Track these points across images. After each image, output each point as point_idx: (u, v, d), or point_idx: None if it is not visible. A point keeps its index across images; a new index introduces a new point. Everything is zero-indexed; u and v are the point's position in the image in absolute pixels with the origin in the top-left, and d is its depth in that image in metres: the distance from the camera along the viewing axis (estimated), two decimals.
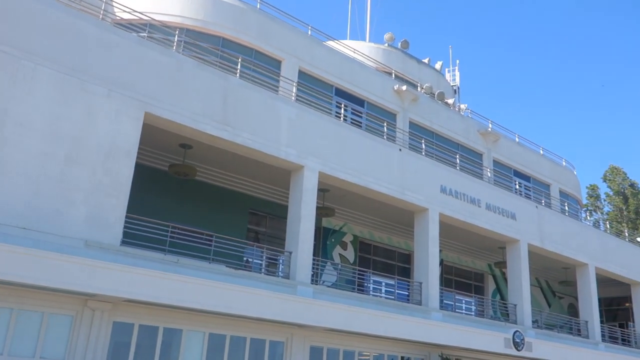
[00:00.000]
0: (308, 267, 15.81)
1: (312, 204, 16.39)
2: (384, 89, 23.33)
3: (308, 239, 16.04)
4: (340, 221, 21.44)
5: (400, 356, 18.41)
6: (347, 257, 21.61)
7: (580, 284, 26.11)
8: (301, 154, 16.32)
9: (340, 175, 17.15)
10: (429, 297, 18.73)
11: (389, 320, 16.63)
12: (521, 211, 23.22)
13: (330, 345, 16.54)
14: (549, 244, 23.91)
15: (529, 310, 22.29)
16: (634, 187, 50.97)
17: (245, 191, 18.93)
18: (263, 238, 19.62)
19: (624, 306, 30.97)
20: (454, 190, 20.69)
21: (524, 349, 20.28)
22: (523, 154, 28.95)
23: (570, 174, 32.38)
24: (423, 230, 19.60)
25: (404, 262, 23.53)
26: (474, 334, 18.98)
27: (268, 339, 15.18)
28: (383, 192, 18.27)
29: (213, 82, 15.00)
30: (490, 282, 27.15)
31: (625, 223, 46.73)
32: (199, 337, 13.96)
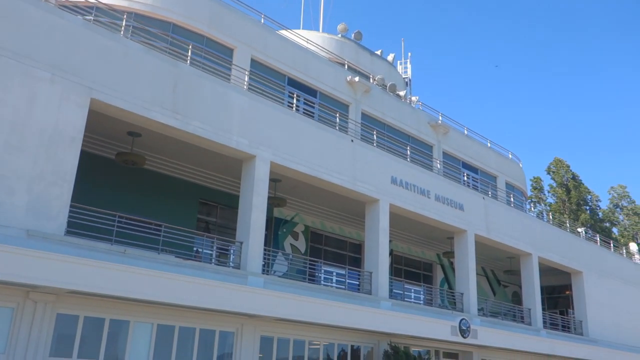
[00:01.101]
0: (259, 257, 15.76)
1: (264, 194, 16.32)
2: (337, 79, 23.39)
3: (259, 229, 15.97)
4: (291, 211, 21.45)
5: (350, 345, 18.62)
6: (298, 247, 21.66)
7: (524, 273, 27.01)
8: (253, 143, 16.20)
9: (292, 166, 17.13)
10: (378, 286, 18.99)
11: (339, 309, 16.78)
12: (469, 202, 23.79)
13: (280, 334, 16.57)
14: (494, 235, 24.61)
15: (475, 299, 22.91)
16: (576, 179, 53.01)
17: (195, 180, 18.67)
18: (214, 228, 19.42)
19: (564, 294, 32.26)
20: (405, 182, 20.99)
21: (470, 336, 20.87)
22: (471, 147, 29.64)
23: (516, 167, 33.37)
24: (374, 220, 19.83)
25: (355, 252, 23.77)
26: (422, 322, 19.39)
27: (218, 329, 15.08)
28: (335, 183, 18.37)
29: (163, 69, 14.68)
30: (439, 272, 27.76)
31: (567, 214, 48.57)
32: (147, 328, 13.73)
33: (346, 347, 18.52)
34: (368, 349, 19.06)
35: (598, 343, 28.78)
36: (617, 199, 58.56)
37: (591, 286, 30.18)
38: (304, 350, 17.24)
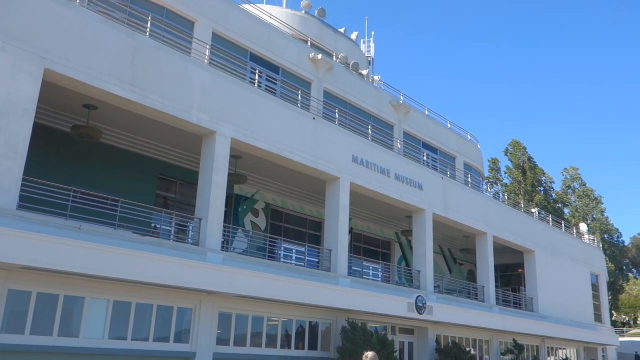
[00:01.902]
0: (218, 234, 15.68)
1: (224, 170, 16.17)
2: (300, 56, 23.22)
3: (219, 206, 15.86)
4: (252, 188, 21.36)
5: (309, 321, 18.82)
6: (258, 225, 21.63)
7: (479, 252, 27.71)
8: (214, 119, 15.99)
9: (253, 143, 17.00)
10: (338, 264, 19.18)
11: (298, 286, 16.91)
12: (428, 182, 24.14)
13: (239, 311, 16.61)
14: (452, 214, 25.09)
15: (431, 277, 23.41)
16: (532, 161, 54.36)
17: (154, 156, 18.35)
18: (173, 204, 19.19)
19: (517, 272, 33.26)
20: (365, 161, 21.12)
21: (426, 312, 21.36)
22: (432, 127, 29.99)
23: (475, 148, 33.99)
24: (334, 199, 19.94)
25: (315, 230, 23.90)
26: (380, 299, 19.72)
27: (176, 306, 15.00)
28: (296, 161, 18.34)
29: (121, 41, 14.26)
30: (397, 250, 28.21)
31: (522, 195, 49.87)
32: (102, 305, 13.55)
33: (305, 324, 18.71)
34: (326, 326, 19.30)
35: (547, 319, 29.90)
36: (569, 181, 60.40)
37: (542, 265, 31.23)
38: (262, 326, 17.34)
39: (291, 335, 18.27)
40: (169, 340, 14.78)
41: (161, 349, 14.49)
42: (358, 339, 17.88)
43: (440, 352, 22.80)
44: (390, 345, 18.86)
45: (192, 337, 15.13)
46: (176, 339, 14.93)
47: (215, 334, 15.69)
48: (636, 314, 65.70)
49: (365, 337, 18.04)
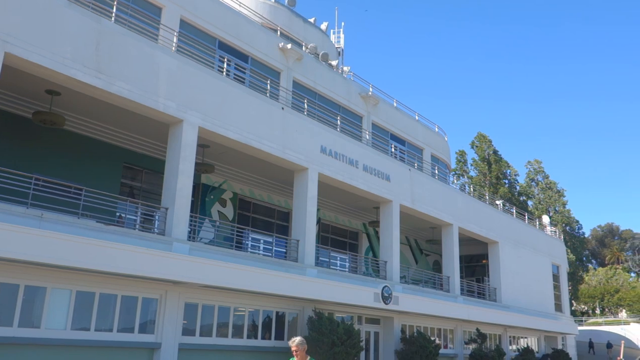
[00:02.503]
0: (185, 224, 15.52)
1: (191, 159, 15.99)
2: (269, 45, 23.04)
3: (185, 195, 15.69)
4: (220, 178, 21.18)
5: (276, 311, 18.82)
6: (226, 215, 21.48)
7: (445, 243, 28.12)
8: (181, 107, 15.77)
9: (221, 132, 16.84)
10: (305, 254, 19.21)
11: (265, 276, 16.87)
12: (395, 173, 24.33)
13: (205, 301, 16.50)
14: (419, 205, 25.36)
15: (397, 267, 23.66)
16: (497, 154, 55.26)
17: (119, 144, 18.02)
18: (138, 193, 18.89)
19: (481, 263, 33.90)
20: (334, 151, 21.15)
21: (392, 302, 21.59)
22: (400, 119, 30.18)
23: (442, 140, 34.35)
24: (302, 189, 19.93)
25: (283, 220, 23.86)
26: (346, 289, 19.84)
27: (141, 296, 14.81)
28: (264, 150, 18.24)
29: (85, 25, 13.90)
30: (364, 240, 28.40)
31: (487, 187, 50.68)
32: (64, 295, 13.28)
33: (271, 314, 18.71)
34: (293, 315, 19.33)
35: (510, 308, 30.58)
36: (533, 174, 61.64)
37: (506, 255, 31.88)
38: (229, 316, 17.27)
39: (258, 326, 18.25)
40: (134, 331, 14.59)
41: (125, 339, 14.29)
42: (324, 328, 17.97)
43: (405, 341, 23.09)
44: (356, 334, 19.01)
45: (157, 327, 14.98)
46: (141, 330, 14.75)
47: (181, 325, 15.56)
48: (594, 304, 67.68)
49: (332, 326, 18.15)
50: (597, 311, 67.19)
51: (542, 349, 36.19)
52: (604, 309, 66.56)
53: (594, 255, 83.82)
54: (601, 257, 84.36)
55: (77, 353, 13.28)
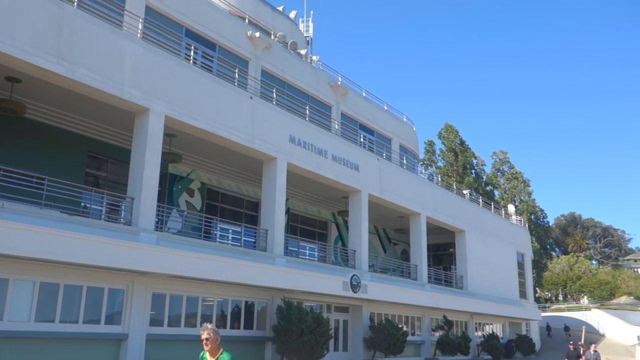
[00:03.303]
0: (152, 214, 15.33)
1: (158, 149, 15.77)
2: (237, 34, 22.81)
3: (152, 185, 15.49)
4: (187, 168, 20.96)
5: (245, 301, 18.79)
6: (194, 204, 21.28)
7: (413, 232, 28.44)
8: (147, 95, 15.51)
9: (188, 121, 16.64)
10: (274, 243, 19.20)
11: (234, 266, 16.81)
12: (364, 163, 24.45)
13: (173, 291, 16.37)
14: (387, 195, 25.57)
15: (366, 256, 23.85)
16: (464, 144, 55.99)
17: (83, 133, 17.64)
18: (104, 183, 18.56)
19: (448, 252, 34.40)
20: (303, 141, 21.12)
21: (360, 291, 21.77)
22: (369, 109, 30.28)
23: (410, 130, 34.62)
24: (271, 179, 19.87)
25: (252, 210, 23.77)
26: (315, 278, 19.92)
27: (107, 287, 14.61)
28: (232, 140, 18.11)
29: (46, 10, 13.52)
30: (333, 230, 28.52)
31: (455, 177, 51.34)
32: (28, 286, 13.01)
33: (240, 303, 18.68)
34: (262, 305, 19.34)
35: (476, 296, 31.15)
36: (499, 164, 62.67)
37: (472, 244, 32.43)
38: (197, 307, 17.18)
39: (227, 315, 18.20)
40: (100, 322, 14.39)
41: (91, 330, 14.10)
42: (293, 317, 18.03)
43: (374, 329, 23.35)
44: (326, 323, 19.13)
45: (124, 318, 14.81)
46: (107, 321, 14.56)
47: (149, 315, 15.41)
48: (557, 291, 69.39)
49: (301, 315, 18.21)
50: (560, 298, 68.90)
51: (507, 334, 37.02)
52: (567, 296, 68.33)
53: (557, 243, 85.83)
54: (564, 246, 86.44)
55: (42, 345, 13.06)
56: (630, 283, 73.27)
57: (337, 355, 22.52)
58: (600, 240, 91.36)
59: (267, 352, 18.93)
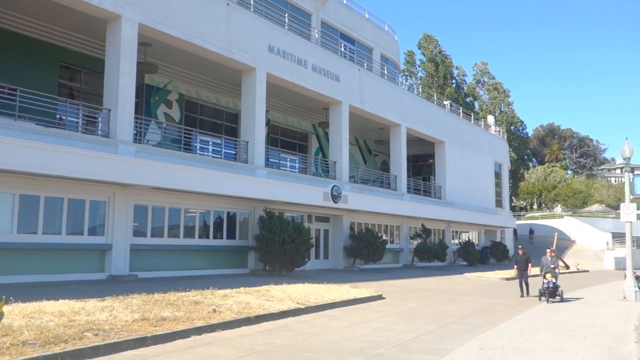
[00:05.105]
0: (129, 126, 15.15)
1: (132, 58, 15.34)
2: None
3: (128, 96, 15.18)
4: (164, 78, 20.49)
5: (227, 212, 19.06)
6: (172, 116, 21.02)
7: (393, 143, 28.63)
8: (118, 1, 14.86)
9: (162, 28, 16.08)
10: (255, 155, 19.23)
11: (215, 177, 16.90)
12: (345, 73, 24.12)
13: (155, 203, 16.50)
14: (368, 106, 25.46)
15: (347, 167, 24.08)
16: (443, 54, 55.22)
17: (55, 42, 17.01)
18: (78, 95, 18.14)
19: (427, 162, 34.84)
20: (282, 50, 20.65)
21: (341, 201, 22.16)
22: (349, 17, 29.46)
23: (392, 39, 33.94)
24: (250, 90, 19.59)
25: (232, 122, 23.58)
26: (296, 189, 20.18)
27: (88, 199, 14.66)
28: (209, 49, 17.64)
29: None
30: (314, 141, 28.56)
31: (435, 88, 51.05)
32: (7, 199, 13.01)
33: (222, 214, 18.95)
34: (244, 216, 19.65)
35: (453, 205, 31.96)
36: (479, 75, 62.22)
37: (451, 155, 32.85)
38: (179, 217, 17.41)
39: (209, 226, 18.51)
40: (83, 233, 14.57)
41: (75, 241, 14.29)
42: (275, 227, 18.40)
43: (354, 238, 24.02)
44: (306, 232, 19.58)
45: (107, 229, 14.99)
46: (90, 232, 14.74)
47: (132, 226, 15.61)
48: (533, 200, 71.32)
49: (282, 225, 18.59)
50: (534, 206, 70.96)
51: (482, 241, 38.39)
52: (541, 205, 70.35)
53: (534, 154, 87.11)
54: (541, 156, 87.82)
55: (25, 256, 13.26)
56: (602, 192, 75.48)
57: (318, 263, 23.27)
58: (576, 150, 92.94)
59: (250, 261, 19.46)
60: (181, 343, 7.68)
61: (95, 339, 6.98)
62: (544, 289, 14.83)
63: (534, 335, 9.31)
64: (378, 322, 10.41)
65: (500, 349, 8.06)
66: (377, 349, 7.77)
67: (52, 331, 6.98)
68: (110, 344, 6.93)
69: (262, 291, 12.52)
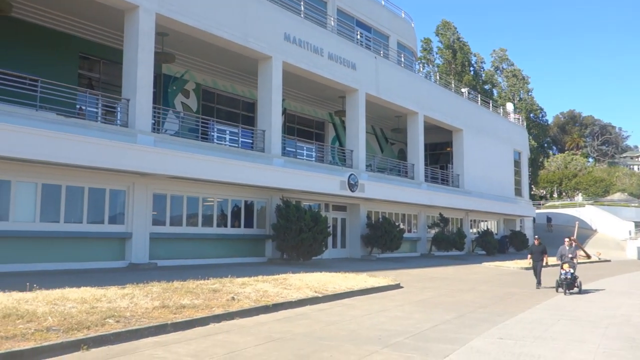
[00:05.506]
0: (148, 115, 15.27)
1: (150, 48, 15.43)
2: None
3: (146, 85, 15.29)
4: (181, 68, 20.57)
5: (244, 200, 19.17)
6: (190, 106, 21.12)
7: (410, 131, 28.48)
8: None
9: (178, 18, 16.14)
10: (271, 144, 19.28)
11: (232, 166, 16.99)
12: (361, 61, 24.00)
13: (174, 192, 16.65)
14: (384, 94, 25.33)
15: (363, 156, 24.03)
16: (461, 41, 54.62)
17: (74, 33, 17.16)
18: (97, 85, 18.31)
19: (445, 150, 34.62)
20: (298, 39, 20.61)
21: (358, 190, 22.15)
22: (365, 4, 29.21)
23: (408, 26, 33.63)
24: (266, 78, 19.60)
25: (248, 111, 23.64)
26: (313, 177, 20.21)
27: (108, 188, 14.84)
28: (225, 38, 17.67)
29: None
30: (330, 130, 28.52)
31: (453, 75, 50.58)
32: (30, 188, 13.22)
33: (240, 203, 19.06)
34: (261, 204, 19.74)
35: (471, 194, 31.76)
36: (498, 62, 61.48)
37: (469, 143, 32.59)
38: (198, 207, 17.55)
39: (227, 215, 18.64)
40: (104, 222, 14.77)
41: (95, 230, 14.50)
42: (292, 216, 18.46)
43: (371, 226, 24.01)
44: (323, 221, 19.62)
45: (127, 218, 15.18)
46: (111, 221, 14.94)
47: (151, 215, 15.79)
48: (553, 188, 70.56)
49: (299, 214, 18.64)
50: (555, 195, 70.20)
51: (501, 230, 38.13)
52: (562, 193, 69.58)
53: (554, 141, 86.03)
54: (562, 144, 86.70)
55: (48, 244, 13.49)
56: (625, 180, 74.45)
57: (336, 252, 23.32)
58: (597, 138, 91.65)
59: (268, 250, 19.57)
60: (200, 330, 7.77)
61: (117, 326, 7.10)
62: (562, 280, 14.26)
63: (554, 325, 9.26)
64: (396, 311, 10.43)
65: (520, 338, 8.04)
66: (395, 338, 7.79)
67: (75, 317, 7.12)
68: (132, 331, 7.04)
69: (279, 279, 12.59)
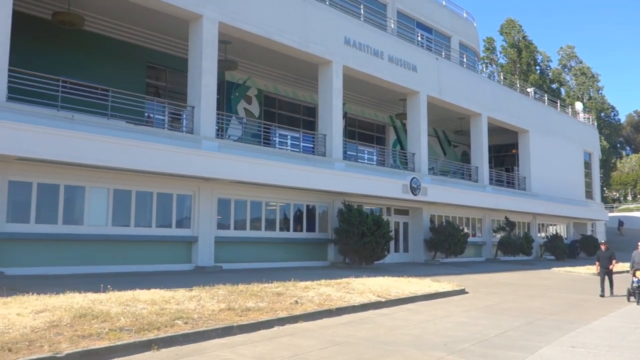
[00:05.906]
0: (212, 122, 15.64)
1: (213, 56, 15.81)
2: None
3: (210, 92, 15.67)
4: (244, 75, 20.98)
5: (306, 205, 19.29)
6: (252, 111, 21.50)
7: (473, 133, 27.88)
8: (199, 2, 15.35)
9: (241, 26, 16.46)
10: (332, 148, 19.33)
11: (294, 171, 17.14)
12: (422, 63, 23.71)
13: (237, 196, 16.96)
14: (446, 96, 24.91)
15: (425, 159, 23.71)
16: (527, 39, 53.06)
17: (141, 43, 17.82)
18: (164, 93, 18.93)
19: (510, 152, 33.67)
20: (358, 42, 20.59)
21: (420, 193, 21.86)
22: (426, 5, 28.88)
23: (470, 26, 32.99)
24: (327, 83, 19.68)
25: (309, 116, 23.80)
26: (375, 181, 20.09)
27: (175, 193, 15.29)
28: (286, 44, 17.87)
29: None
30: (391, 133, 28.31)
31: (518, 75, 49.18)
32: (102, 193, 13.80)
33: (302, 207, 19.19)
34: (323, 208, 19.81)
35: (539, 197, 30.70)
36: (565, 60, 59.35)
37: (535, 144, 31.56)
38: (261, 211, 17.80)
39: (289, 219, 18.80)
40: (171, 226, 15.22)
41: (164, 234, 14.96)
42: (354, 220, 18.41)
43: (434, 230, 23.62)
44: (385, 225, 19.47)
45: (193, 222, 15.57)
46: (178, 225, 15.38)
47: (216, 219, 16.13)
48: (626, 190, 67.39)
49: (361, 218, 18.57)
50: (629, 198, 66.97)
51: (571, 235, 36.67)
52: (636, 196, 66.28)
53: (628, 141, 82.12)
54: (635, 144, 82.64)
55: (119, 247, 14.01)
56: None
57: (398, 256, 23.09)
58: None
59: (330, 253, 19.61)
60: (265, 333, 7.86)
61: (185, 327, 7.28)
62: (634, 289, 13.28)
63: (630, 334, 8.81)
64: (461, 316, 10.21)
65: (594, 347, 7.69)
66: (461, 344, 7.62)
67: (145, 318, 7.35)
68: (199, 332, 7.21)
69: (342, 283, 12.58)
